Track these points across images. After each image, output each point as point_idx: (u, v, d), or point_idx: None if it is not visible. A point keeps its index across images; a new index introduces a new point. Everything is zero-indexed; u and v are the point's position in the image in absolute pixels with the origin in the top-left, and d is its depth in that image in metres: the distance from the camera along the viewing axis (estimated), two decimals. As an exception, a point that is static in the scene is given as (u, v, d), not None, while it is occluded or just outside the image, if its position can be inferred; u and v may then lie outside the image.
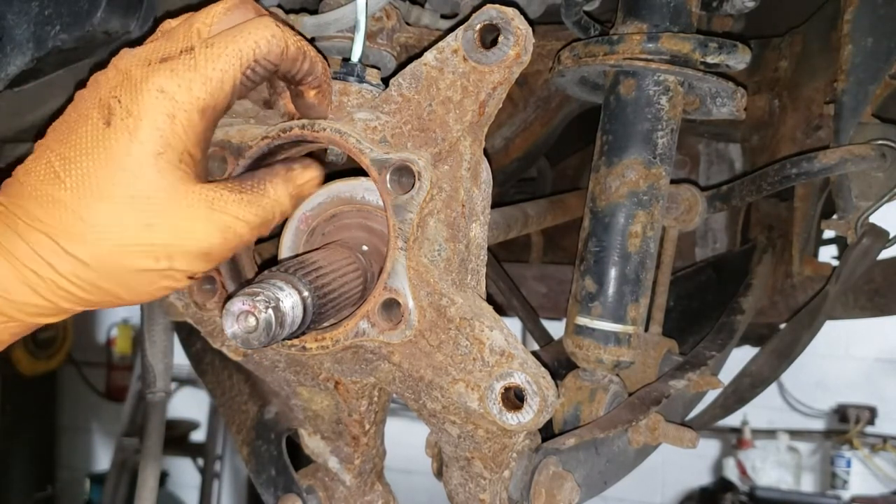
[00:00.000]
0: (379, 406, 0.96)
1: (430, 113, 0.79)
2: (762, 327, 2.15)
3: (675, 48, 1.03)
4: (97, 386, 5.97)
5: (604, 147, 1.09)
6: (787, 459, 4.56)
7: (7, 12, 0.82)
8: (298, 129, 0.81)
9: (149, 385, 1.22)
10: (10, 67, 0.83)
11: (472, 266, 0.84)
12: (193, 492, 5.20)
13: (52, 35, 0.82)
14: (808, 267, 1.58)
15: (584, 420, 1.07)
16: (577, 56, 1.10)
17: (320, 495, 1.04)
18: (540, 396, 0.76)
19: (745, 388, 1.51)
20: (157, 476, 1.19)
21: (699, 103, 1.15)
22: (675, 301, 1.48)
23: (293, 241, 0.91)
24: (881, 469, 4.46)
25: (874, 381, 4.64)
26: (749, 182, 1.37)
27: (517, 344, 0.78)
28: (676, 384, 1.15)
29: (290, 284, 0.71)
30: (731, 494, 4.28)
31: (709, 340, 1.35)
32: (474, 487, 0.87)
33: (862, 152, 1.24)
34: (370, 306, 0.80)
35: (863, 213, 1.30)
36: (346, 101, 0.82)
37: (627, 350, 1.06)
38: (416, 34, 1.10)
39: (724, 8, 1.15)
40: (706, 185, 1.69)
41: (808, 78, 1.51)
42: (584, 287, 1.07)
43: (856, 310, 1.70)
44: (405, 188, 0.78)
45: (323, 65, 0.77)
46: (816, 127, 1.49)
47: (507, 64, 0.76)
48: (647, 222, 1.06)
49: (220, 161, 0.86)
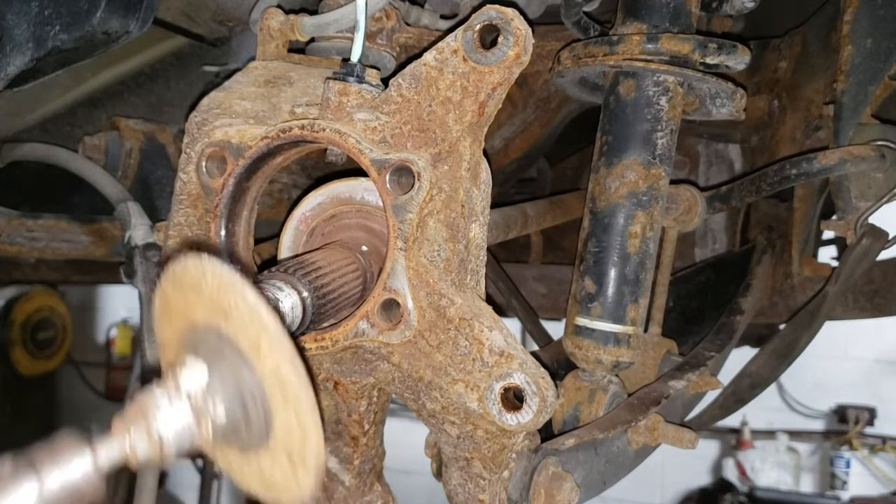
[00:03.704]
0: (378, 406, 0.96)
1: (430, 113, 0.79)
2: (762, 328, 2.15)
3: (675, 49, 1.03)
4: (97, 386, 5.97)
5: (603, 147, 1.09)
6: (786, 460, 4.56)
7: (7, 12, 0.82)
8: (298, 130, 0.81)
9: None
10: (10, 67, 0.83)
11: (471, 266, 0.83)
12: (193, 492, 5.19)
13: (52, 35, 0.82)
14: (807, 267, 1.58)
15: (584, 420, 1.07)
16: (577, 56, 1.10)
17: (319, 495, 1.04)
18: (539, 397, 0.76)
19: (744, 389, 1.51)
20: (156, 476, 1.19)
21: (699, 104, 1.15)
22: (675, 301, 1.48)
23: (293, 241, 0.91)
24: (880, 470, 4.46)
25: (873, 381, 4.64)
26: (748, 183, 1.37)
27: (516, 344, 0.78)
28: (676, 385, 1.15)
29: (290, 285, 0.71)
30: (730, 495, 4.28)
31: (708, 341, 1.35)
32: (473, 488, 0.87)
33: (861, 153, 1.24)
34: (369, 306, 0.80)
35: (862, 214, 1.30)
36: (345, 102, 0.82)
37: (627, 350, 1.06)
38: (415, 34, 1.11)
39: (724, 8, 1.15)
40: (705, 186, 1.69)
41: (807, 79, 1.52)
42: (584, 287, 1.07)
43: (855, 310, 1.70)
44: (405, 188, 0.78)
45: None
46: (816, 127, 1.49)
47: (507, 64, 0.76)
48: (646, 223, 1.06)
49: (219, 161, 0.86)
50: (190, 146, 0.91)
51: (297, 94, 0.92)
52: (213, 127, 0.89)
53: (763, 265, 1.59)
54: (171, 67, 1.45)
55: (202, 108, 0.92)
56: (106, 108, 1.48)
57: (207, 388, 0.54)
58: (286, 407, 0.54)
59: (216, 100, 0.93)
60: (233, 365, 0.55)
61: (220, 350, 0.55)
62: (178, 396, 0.53)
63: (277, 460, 0.56)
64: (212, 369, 0.55)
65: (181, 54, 1.42)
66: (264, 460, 0.57)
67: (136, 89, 1.47)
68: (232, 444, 0.58)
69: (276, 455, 0.56)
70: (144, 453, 0.52)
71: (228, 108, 0.91)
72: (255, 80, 0.96)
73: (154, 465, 0.54)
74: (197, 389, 0.54)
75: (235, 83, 0.96)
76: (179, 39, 1.34)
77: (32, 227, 1.40)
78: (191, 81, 1.47)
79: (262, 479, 0.58)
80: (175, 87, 1.49)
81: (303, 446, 0.55)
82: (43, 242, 1.41)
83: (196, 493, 5.08)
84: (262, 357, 0.54)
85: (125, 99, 1.48)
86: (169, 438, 0.52)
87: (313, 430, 0.54)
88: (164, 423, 0.52)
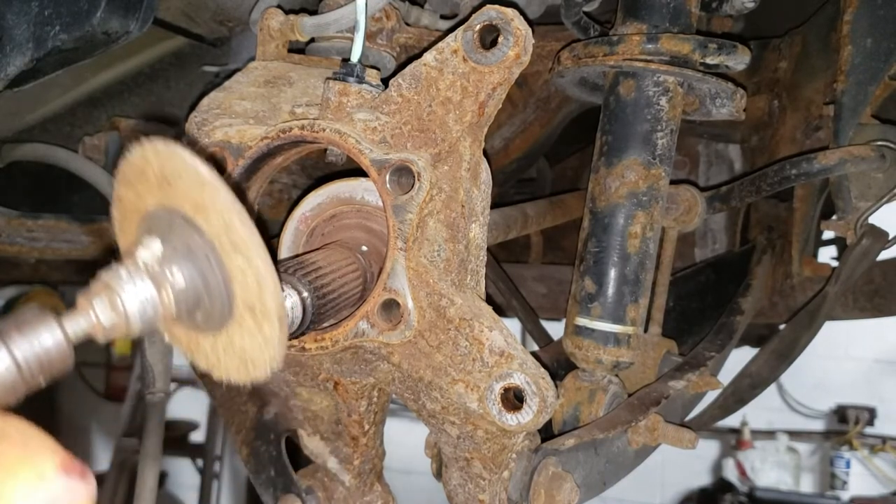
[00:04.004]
0: (378, 406, 0.96)
1: (430, 113, 0.79)
2: (762, 328, 2.15)
3: (675, 49, 1.03)
4: (97, 386, 5.96)
5: (603, 148, 1.09)
6: (786, 460, 4.56)
7: (7, 12, 0.82)
8: (298, 130, 0.81)
9: (148, 385, 1.22)
10: (10, 67, 0.83)
11: (471, 266, 0.83)
12: (193, 492, 5.19)
13: (52, 35, 0.82)
14: (807, 268, 1.58)
15: (584, 421, 1.07)
16: (577, 57, 1.10)
17: (319, 496, 1.04)
18: (539, 397, 0.76)
19: (744, 389, 1.52)
20: (156, 476, 1.19)
21: (699, 104, 1.15)
22: (675, 302, 1.48)
23: (292, 241, 0.91)
24: (880, 470, 4.46)
25: (873, 381, 4.64)
26: (748, 183, 1.37)
27: (516, 344, 0.78)
28: (676, 385, 1.15)
29: (290, 285, 0.71)
30: (730, 495, 4.28)
31: (708, 341, 1.35)
32: (473, 488, 0.87)
33: (861, 153, 1.24)
34: (369, 307, 0.80)
35: (862, 214, 1.30)
36: (345, 102, 0.82)
37: (627, 351, 1.06)
38: (415, 35, 1.11)
39: (724, 8, 1.15)
40: (705, 186, 1.69)
41: (807, 79, 1.52)
42: (584, 287, 1.07)
43: (855, 311, 1.70)
44: (405, 188, 0.78)
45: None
46: (816, 128, 1.49)
47: (507, 64, 0.76)
48: (646, 223, 1.06)
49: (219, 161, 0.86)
50: (190, 146, 0.91)
51: (297, 94, 0.92)
52: (212, 127, 0.89)
53: (763, 265, 1.59)
54: (171, 67, 1.45)
55: (202, 109, 0.92)
56: (106, 108, 1.48)
57: (163, 258, 0.56)
58: (236, 255, 0.55)
59: (216, 100, 0.92)
60: (183, 232, 0.56)
61: (171, 223, 0.57)
62: (136, 269, 0.55)
63: (244, 325, 0.57)
64: (165, 241, 0.57)
65: (181, 54, 1.42)
66: (233, 331, 0.58)
67: (136, 89, 1.47)
68: (199, 324, 0.59)
69: (241, 320, 0.57)
70: (110, 325, 0.54)
71: (228, 109, 0.91)
72: (255, 81, 0.96)
73: (121, 336, 0.55)
74: (153, 260, 0.56)
75: (235, 83, 0.96)
76: (179, 39, 1.34)
77: (32, 227, 1.40)
78: (191, 81, 1.47)
79: (236, 355, 0.59)
80: (175, 87, 1.49)
81: (261, 293, 0.56)
82: (43, 242, 1.41)
83: (196, 493, 5.08)
84: (207, 215, 0.56)
85: (125, 99, 1.48)
86: (133, 310, 0.54)
87: (266, 271, 0.55)
88: (127, 295, 0.54)
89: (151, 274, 0.55)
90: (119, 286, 0.54)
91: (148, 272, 0.55)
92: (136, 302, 0.54)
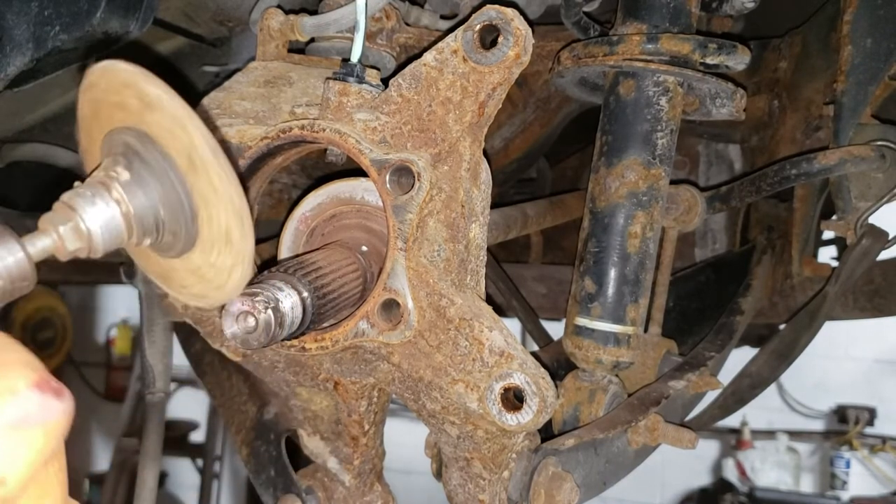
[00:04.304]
0: (378, 406, 0.96)
1: (430, 113, 0.79)
2: (762, 328, 2.15)
3: (675, 49, 1.03)
4: (96, 386, 5.97)
5: (603, 148, 1.09)
6: (786, 460, 4.56)
7: (7, 12, 0.82)
8: (298, 130, 0.81)
9: (148, 385, 1.22)
10: (10, 67, 0.83)
11: (471, 266, 0.84)
12: (193, 492, 5.19)
13: (52, 35, 0.82)
14: (807, 268, 1.58)
15: (584, 421, 1.07)
16: (577, 57, 1.10)
17: (319, 496, 1.04)
18: (539, 397, 0.76)
19: (744, 389, 1.51)
20: (156, 476, 1.19)
21: (699, 104, 1.15)
22: (675, 301, 1.48)
23: (293, 241, 0.91)
24: (880, 470, 4.46)
25: (873, 381, 4.64)
26: (748, 183, 1.37)
27: (516, 344, 0.78)
28: (676, 385, 1.15)
29: (290, 285, 0.71)
30: (730, 495, 4.28)
31: (708, 341, 1.35)
32: (473, 488, 0.87)
33: (861, 153, 1.24)
34: (369, 307, 0.80)
35: (862, 214, 1.30)
36: (345, 102, 0.82)
37: (627, 351, 1.06)
38: (415, 35, 1.11)
39: (724, 8, 1.15)
40: (705, 186, 1.69)
41: (807, 79, 1.52)
42: (584, 287, 1.07)
43: (855, 311, 1.70)
44: (405, 189, 0.78)
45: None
46: (816, 128, 1.49)
47: (507, 64, 0.76)
48: (646, 223, 1.06)
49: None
50: None
51: (297, 94, 0.92)
52: (212, 127, 0.89)
53: (763, 265, 1.59)
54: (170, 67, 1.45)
55: (202, 109, 0.92)
56: (106, 109, 1.47)
57: (124, 179, 0.56)
58: (199, 176, 0.55)
59: (216, 100, 0.93)
60: (146, 152, 0.56)
61: (134, 144, 0.57)
62: (99, 190, 0.55)
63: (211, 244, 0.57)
64: (128, 161, 0.57)
65: (181, 54, 1.42)
66: (201, 252, 0.58)
67: (136, 89, 1.47)
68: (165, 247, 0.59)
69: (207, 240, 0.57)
70: (73, 244, 0.54)
71: (228, 109, 0.91)
72: (255, 81, 0.96)
73: (84, 255, 0.56)
74: (114, 181, 0.56)
75: (235, 83, 0.96)
76: (179, 39, 1.34)
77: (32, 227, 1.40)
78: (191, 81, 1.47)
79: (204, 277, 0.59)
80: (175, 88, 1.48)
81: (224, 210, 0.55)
82: (43, 242, 1.41)
83: (196, 493, 5.08)
84: (171, 135, 0.55)
85: (125, 99, 1.47)
86: (95, 229, 0.55)
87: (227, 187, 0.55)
88: (89, 216, 0.54)
89: (115, 196, 0.55)
90: (80, 207, 0.54)
91: (110, 193, 0.55)
92: (100, 223, 0.54)
